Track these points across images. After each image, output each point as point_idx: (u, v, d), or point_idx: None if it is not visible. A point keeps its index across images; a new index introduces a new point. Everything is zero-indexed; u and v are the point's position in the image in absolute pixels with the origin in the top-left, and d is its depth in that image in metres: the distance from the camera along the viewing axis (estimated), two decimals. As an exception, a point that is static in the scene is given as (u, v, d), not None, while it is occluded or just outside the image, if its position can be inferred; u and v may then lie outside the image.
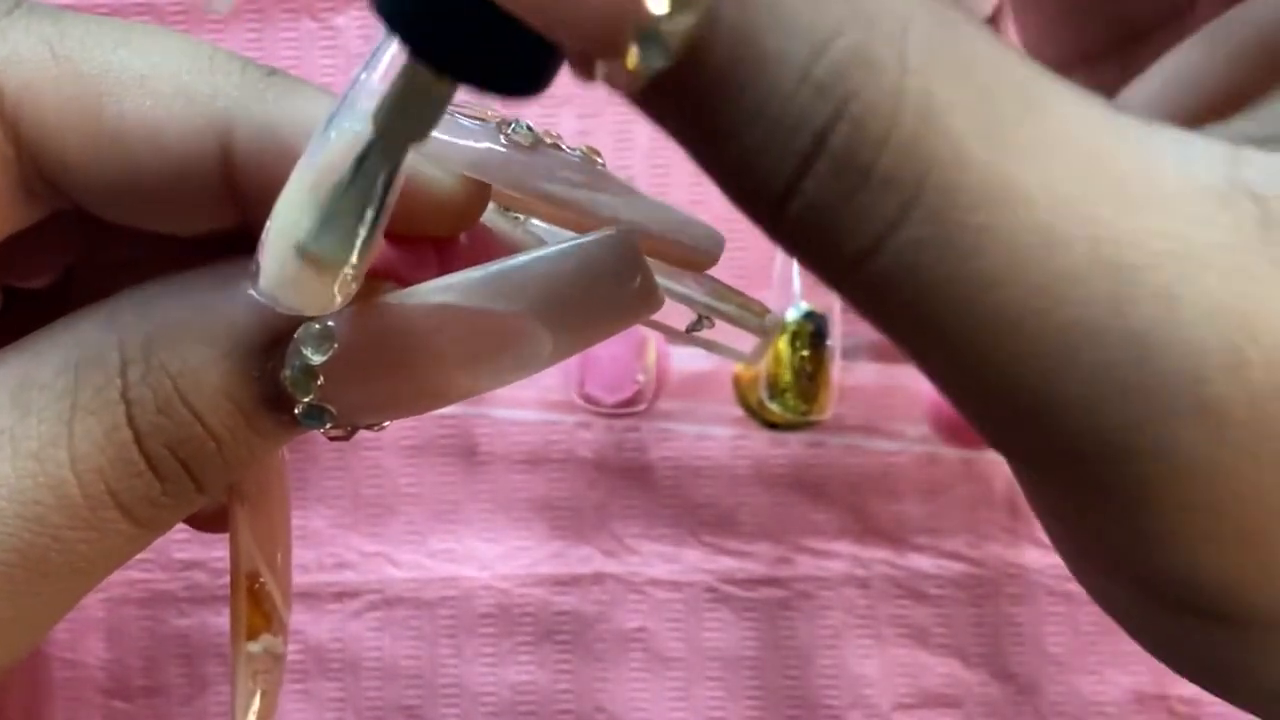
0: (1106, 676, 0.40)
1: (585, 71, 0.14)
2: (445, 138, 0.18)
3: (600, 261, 0.18)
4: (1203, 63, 0.18)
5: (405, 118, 0.15)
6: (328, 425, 0.18)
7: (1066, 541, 0.17)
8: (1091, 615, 0.40)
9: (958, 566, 0.40)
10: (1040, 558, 0.40)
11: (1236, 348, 0.14)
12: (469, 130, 0.19)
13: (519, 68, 0.15)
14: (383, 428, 0.19)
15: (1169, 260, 0.14)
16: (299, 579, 0.41)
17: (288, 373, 0.18)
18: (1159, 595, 0.16)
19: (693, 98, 0.14)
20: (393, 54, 0.15)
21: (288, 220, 0.16)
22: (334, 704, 0.41)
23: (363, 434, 0.18)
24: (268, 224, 0.17)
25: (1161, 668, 0.18)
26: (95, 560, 0.18)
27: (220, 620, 0.40)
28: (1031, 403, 0.15)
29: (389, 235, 0.17)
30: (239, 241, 0.19)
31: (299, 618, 0.41)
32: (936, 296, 0.14)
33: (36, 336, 0.18)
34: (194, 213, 0.19)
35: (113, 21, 0.18)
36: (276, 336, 0.18)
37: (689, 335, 0.21)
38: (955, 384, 0.15)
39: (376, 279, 0.18)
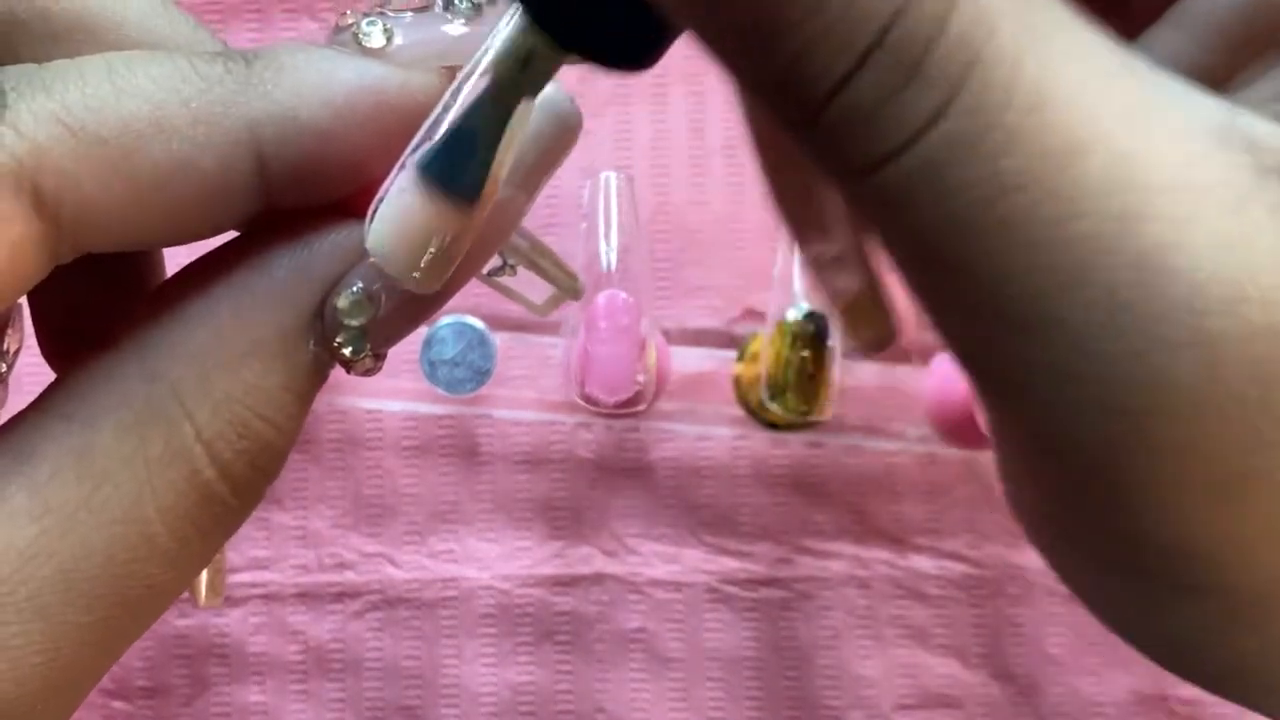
0: (1106, 677, 0.40)
1: None
2: (411, 38, 0.19)
3: (560, 132, 0.19)
4: (1170, 48, 0.18)
5: (519, 73, 0.16)
6: (368, 357, 0.19)
7: (1030, 500, 0.17)
8: (1092, 616, 0.40)
9: (958, 567, 0.40)
10: (1040, 558, 0.40)
11: (1236, 281, 0.14)
12: (424, 21, 0.19)
13: (632, 42, 0.15)
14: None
15: (1178, 187, 0.15)
16: (300, 579, 0.41)
17: (341, 340, 0.19)
18: (1123, 561, 0.16)
19: None
20: (515, 12, 0.16)
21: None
22: (334, 704, 0.41)
23: (363, 434, 0.19)
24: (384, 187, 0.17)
25: (1161, 669, 0.18)
26: (182, 584, 0.19)
27: (221, 621, 0.40)
28: (1034, 318, 0.15)
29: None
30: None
31: (299, 618, 0.41)
32: (959, 197, 0.14)
33: (69, 407, 0.18)
34: (230, 219, 0.19)
35: (92, 63, 0.18)
36: (311, 314, 0.19)
37: (487, 278, 0.21)
38: (957, 295, 0.15)
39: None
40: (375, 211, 0.18)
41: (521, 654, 0.41)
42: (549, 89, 0.17)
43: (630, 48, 0.16)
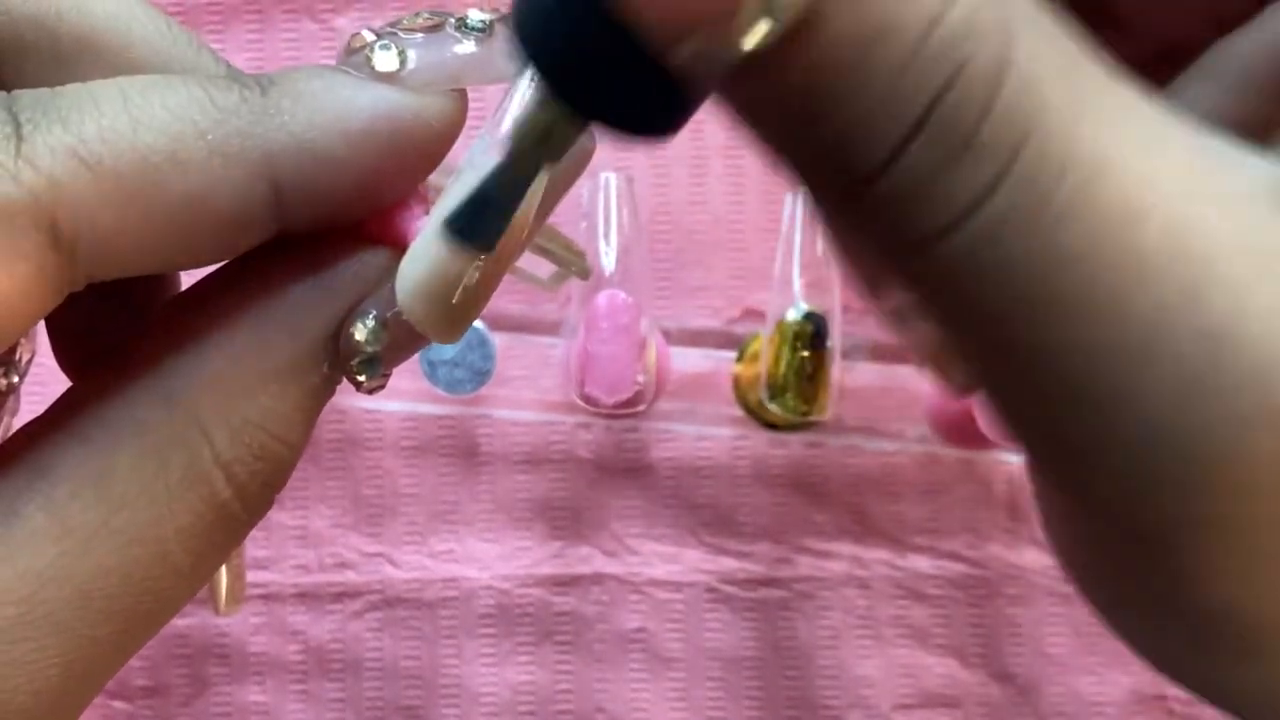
0: (1106, 677, 0.40)
1: (670, 50, 0.13)
2: (424, 60, 0.19)
3: (575, 157, 0.19)
4: (1202, 99, 0.18)
5: (538, 146, 0.16)
6: (379, 376, 0.20)
7: (1084, 563, 0.17)
8: (1091, 615, 0.40)
9: (957, 567, 0.40)
10: (1040, 558, 0.40)
11: None
12: (436, 42, 0.19)
13: (656, 112, 0.15)
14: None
15: (1240, 253, 0.14)
16: (299, 579, 0.41)
17: (356, 365, 0.19)
18: (1191, 629, 0.16)
19: (795, 73, 0.13)
20: (531, 83, 0.16)
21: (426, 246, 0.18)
22: (334, 704, 0.41)
23: (363, 434, 0.19)
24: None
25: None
26: (191, 593, 0.19)
27: (221, 621, 0.41)
28: (1101, 394, 0.14)
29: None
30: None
31: (299, 618, 0.41)
32: (1018, 271, 0.14)
33: (87, 429, 0.18)
34: (243, 245, 0.19)
35: (106, 91, 0.18)
36: (326, 338, 0.19)
37: None
38: (1018, 371, 0.15)
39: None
40: (403, 269, 0.18)
41: (521, 654, 0.41)
42: None
43: (653, 118, 0.15)
